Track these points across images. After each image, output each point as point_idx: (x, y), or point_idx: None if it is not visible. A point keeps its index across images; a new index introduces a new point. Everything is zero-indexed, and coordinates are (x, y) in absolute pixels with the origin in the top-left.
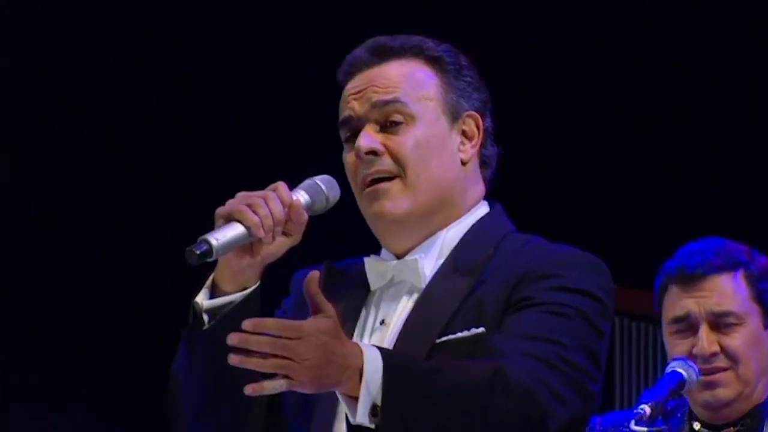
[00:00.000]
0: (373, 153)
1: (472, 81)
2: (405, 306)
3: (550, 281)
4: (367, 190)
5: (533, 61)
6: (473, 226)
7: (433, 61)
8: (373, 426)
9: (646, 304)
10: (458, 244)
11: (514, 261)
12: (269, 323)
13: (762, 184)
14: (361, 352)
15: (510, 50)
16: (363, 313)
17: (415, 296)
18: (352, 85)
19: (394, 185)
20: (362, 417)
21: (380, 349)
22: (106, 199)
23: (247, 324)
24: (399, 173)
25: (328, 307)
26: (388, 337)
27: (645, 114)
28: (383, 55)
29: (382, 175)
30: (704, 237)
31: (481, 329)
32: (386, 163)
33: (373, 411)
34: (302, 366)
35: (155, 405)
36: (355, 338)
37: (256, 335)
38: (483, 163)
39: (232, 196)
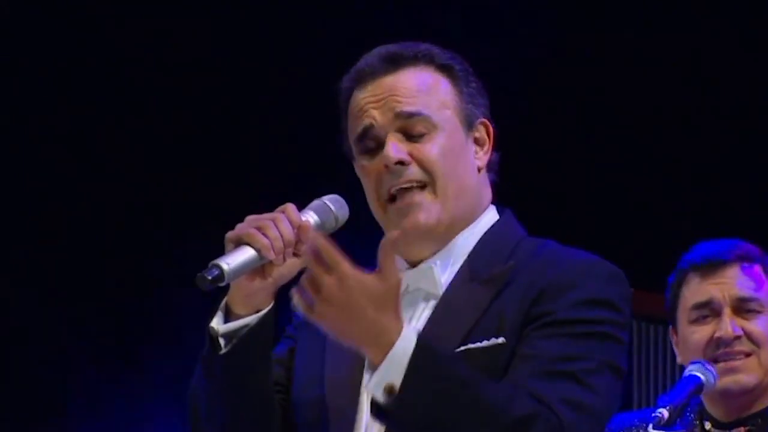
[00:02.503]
0: (401, 163)
1: (477, 87)
2: (422, 313)
3: (571, 294)
4: (396, 205)
5: (534, 61)
6: (487, 232)
7: (445, 69)
8: (382, 402)
9: (661, 307)
10: (473, 250)
11: (532, 271)
12: (316, 236)
13: (766, 184)
14: (400, 331)
15: (510, 50)
16: None
17: (432, 303)
18: (367, 94)
19: (425, 196)
20: (373, 387)
21: (420, 337)
22: (106, 199)
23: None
24: (428, 181)
25: (390, 274)
26: None
27: (649, 114)
28: (396, 63)
29: (412, 185)
30: (717, 238)
31: (501, 339)
32: (415, 172)
33: (390, 389)
34: (324, 304)
35: None
36: None
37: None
38: (490, 168)
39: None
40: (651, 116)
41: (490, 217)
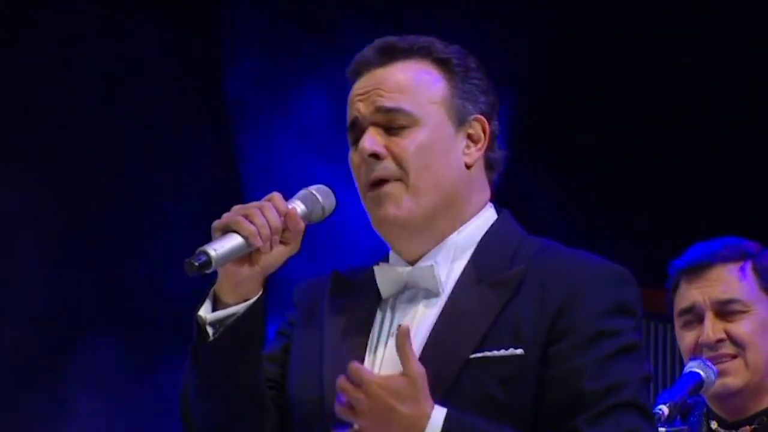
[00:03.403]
0: (375, 156)
1: (479, 83)
2: (423, 312)
3: (591, 305)
4: (369, 194)
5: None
6: (488, 231)
7: (441, 63)
8: None
9: (662, 304)
10: (476, 250)
11: (541, 275)
12: (352, 365)
13: None
14: (429, 415)
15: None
16: (377, 319)
17: (434, 301)
18: (359, 86)
19: (396, 188)
20: None
21: (449, 413)
22: None
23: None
24: (401, 176)
25: (411, 366)
26: None
27: (663, 112)
28: (391, 55)
29: (384, 178)
30: (722, 233)
31: (520, 351)
32: (389, 167)
33: None
34: (362, 417)
35: None
36: (370, 344)
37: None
38: (489, 167)
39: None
40: (659, 112)
41: (488, 215)
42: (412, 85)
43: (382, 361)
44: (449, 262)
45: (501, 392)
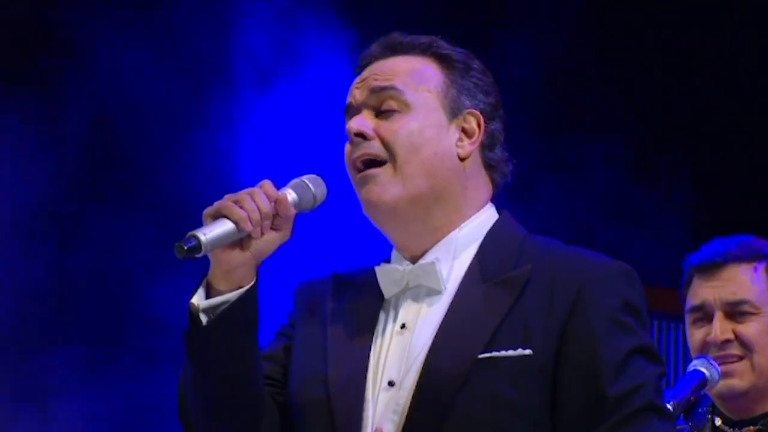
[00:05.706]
0: (362, 136)
1: (480, 83)
2: (427, 310)
3: (603, 305)
4: (358, 176)
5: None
6: (490, 230)
7: (441, 59)
8: None
9: (668, 302)
10: (481, 249)
11: (547, 274)
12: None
13: None
14: None
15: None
16: (381, 319)
17: (437, 299)
18: (358, 78)
19: (383, 171)
20: None
21: None
22: None
23: None
24: (388, 159)
25: None
26: (412, 342)
27: (672, 109)
28: (393, 50)
29: (370, 158)
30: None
31: (528, 351)
32: (375, 147)
33: None
34: None
35: None
36: (375, 343)
37: None
38: (488, 166)
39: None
40: (673, 113)
41: (489, 214)
42: (408, 71)
43: (386, 360)
44: (451, 260)
45: (512, 392)
